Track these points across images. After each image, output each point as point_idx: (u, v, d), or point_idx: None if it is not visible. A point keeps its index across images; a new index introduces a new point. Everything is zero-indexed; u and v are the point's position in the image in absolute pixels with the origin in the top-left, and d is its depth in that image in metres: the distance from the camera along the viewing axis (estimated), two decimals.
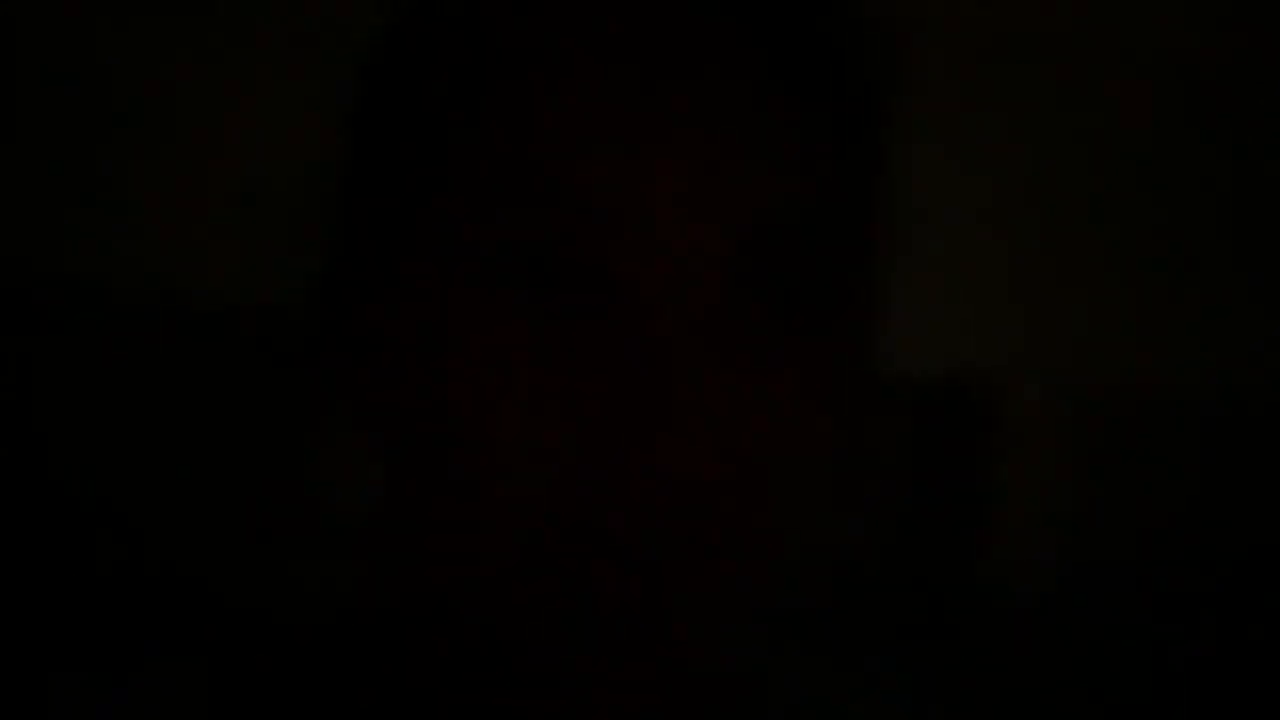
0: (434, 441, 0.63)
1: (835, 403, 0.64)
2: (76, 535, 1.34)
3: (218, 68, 1.35)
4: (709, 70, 0.62)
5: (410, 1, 0.68)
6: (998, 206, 1.63)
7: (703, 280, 0.61)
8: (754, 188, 0.62)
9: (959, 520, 1.63)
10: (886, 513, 1.62)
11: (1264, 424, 1.72)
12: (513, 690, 0.64)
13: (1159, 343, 1.69)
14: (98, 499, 1.34)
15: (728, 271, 0.61)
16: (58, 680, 0.69)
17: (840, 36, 0.66)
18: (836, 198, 0.64)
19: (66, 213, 1.36)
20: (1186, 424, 1.70)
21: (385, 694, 0.69)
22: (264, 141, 1.29)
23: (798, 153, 0.63)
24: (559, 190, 0.61)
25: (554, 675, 0.62)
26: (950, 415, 1.64)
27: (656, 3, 0.63)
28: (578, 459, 0.61)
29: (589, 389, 0.61)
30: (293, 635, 0.72)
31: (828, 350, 0.64)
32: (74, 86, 1.34)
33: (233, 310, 1.33)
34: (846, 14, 0.67)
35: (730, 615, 0.64)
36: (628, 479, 0.60)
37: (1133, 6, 1.64)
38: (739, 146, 0.62)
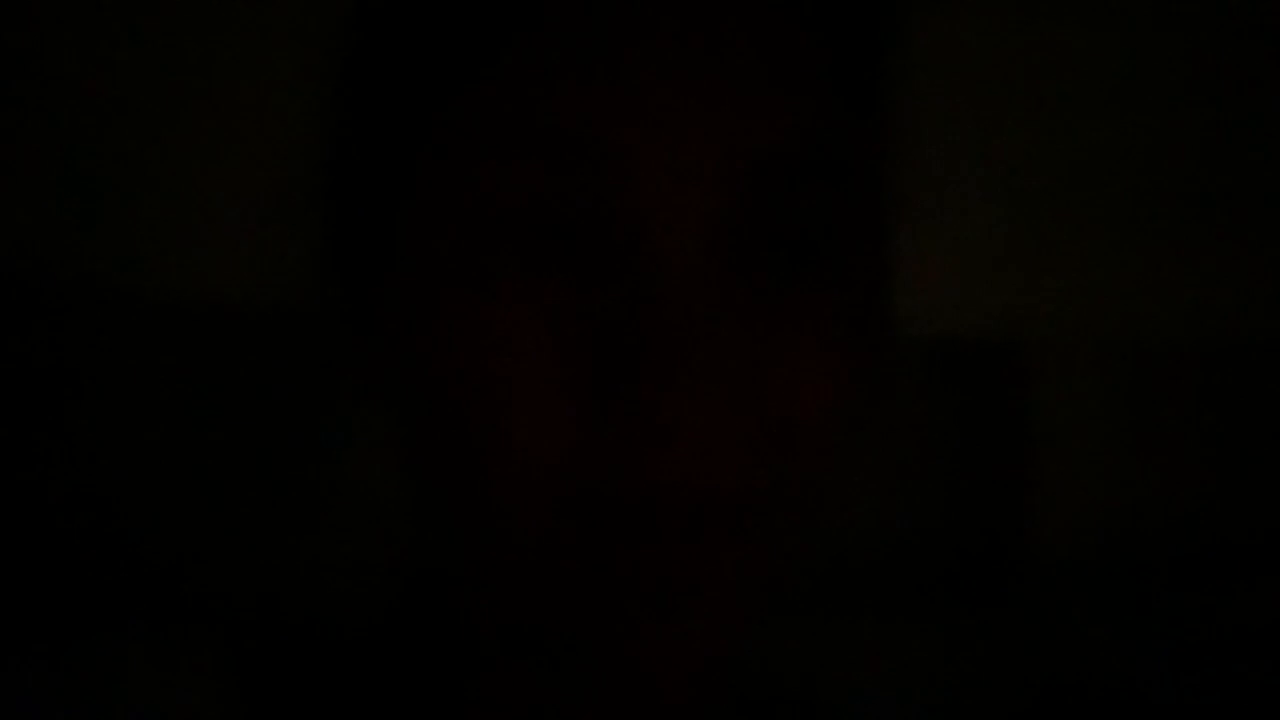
0: (451, 416, 0.61)
1: (852, 359, 0.63)
2: (91, 526, 1.34)
3: (209, 64, 1.34)
4: (709, 11, 0.60)
5: None
6: (1027, 163, 1.61)
7: (708, 227, 0.59)
8: (757, 130, 0.60)
9: (991, 481, 1.62)
10: (915, 474, 1.60)
11: None
12: (526, 672, 0.63)
13: (1193, 299, 1.67)
14: (109, 495, 1.34)
15: (733, 220, 0.60)
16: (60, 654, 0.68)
17: None
18: (845, 147, 0.63)
19: (66, 213, 1.35)
20: (1221, 380, 1.69)
21: (395, 682, 0.68)
22: (257, 133, 1.28)
23: (802, 95, 0.61)
24: (558, 143, 0.59)
25: (573, 652, 0.61)
26: (982, 375, 1.62)
27: None
28: (593, 427, 0.59)
29: (600, 351, 0.59)
30: (308, 625, 0.71)
31: (840, 304, 0.62)
32: (70, 87, 1.34)
33: (235, 305, 1.33)
34: None
35: (755, 584, 0.62)
36: (644, 446, 0.58)
37: None
38: (740, 88, 0.60)
